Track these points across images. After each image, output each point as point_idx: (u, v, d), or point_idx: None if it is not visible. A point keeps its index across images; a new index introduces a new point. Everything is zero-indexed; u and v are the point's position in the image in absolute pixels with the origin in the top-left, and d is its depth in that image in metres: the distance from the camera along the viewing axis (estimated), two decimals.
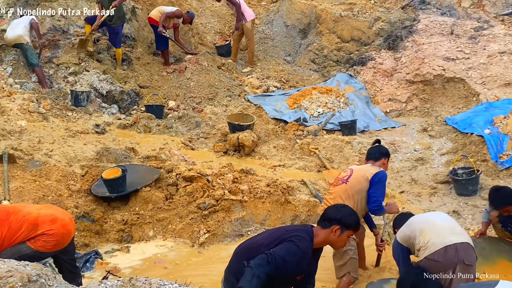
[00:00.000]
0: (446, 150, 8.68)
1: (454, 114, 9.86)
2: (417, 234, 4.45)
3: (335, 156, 8.75)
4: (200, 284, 4.70)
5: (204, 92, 11.15)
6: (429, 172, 8.16)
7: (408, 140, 9.36)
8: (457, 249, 4.26)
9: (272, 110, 10.55)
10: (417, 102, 10.88)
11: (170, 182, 6.88)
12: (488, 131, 8.21)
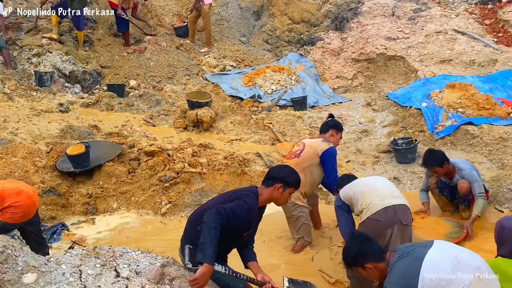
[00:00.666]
0: (388, 123, 8.85)
1: (395, 89, 10.03)
2: (359, 196, 4.54)
3: (288, 130, 8.81)
4: (162, 251, 4.69)
5: (163, 71, 11.03)
6: (373, 142, 8.31)
7: (354, 114, 9.50)
8: (396, 210, 4.36)
9: (229, 88, 10.52)
10: (362, 79, 11.03)
11: (132, 157, 6.81)
12: (425, 104, 8.37)
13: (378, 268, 3.36)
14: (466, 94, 8.04)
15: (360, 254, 3.39)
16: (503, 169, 6.73)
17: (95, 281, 3.17)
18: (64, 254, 3.45)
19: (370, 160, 7.82)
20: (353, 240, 3.51)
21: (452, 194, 6.15)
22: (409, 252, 3.27)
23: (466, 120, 7.65)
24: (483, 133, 7.36)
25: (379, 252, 3.40)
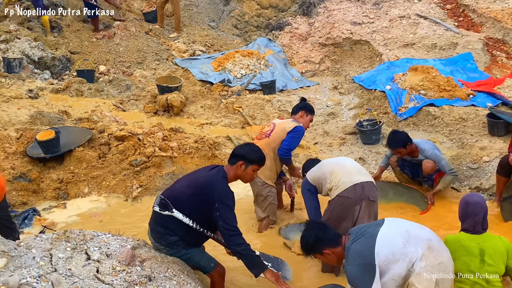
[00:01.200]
0: (354, 105, 8.94)
1: (361, 73, 10.12)
2: (328, 175, 4.61)
3: (257, 113, 8.82)
4: (133, 234, 4.67)
5: (133, 56, 10.88)
6: (339, 125, 8.39)
7: (321, 97, 9.56)
8: (364, 187, 4.46)
9: (199, 72, 10.45)
10: (329, 63, 11.08)
11: (102, 141, 6.71)
12: (389, 87, 8.46)
13: (336, 253, 3.43)
14: (428, 76, 8.16)
15: (317, 241, 3.44)
16: (462, 148, 6.89)
17: (65, 264, 3.14)
18: (34, 238, 3.41)
19: (337, 141, 7.90)
20: (310, 228, 3.54)
21: (413, 172, 6.29)
22: (362, 233, 3.35)
23: (428, 102, 7.79)
24: (444, 114, 7.50)
25: (335, 238, 3.46)
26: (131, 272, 3.35)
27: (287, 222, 5.60)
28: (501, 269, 3.89)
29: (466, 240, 3.90)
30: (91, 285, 2.97)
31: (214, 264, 4.10)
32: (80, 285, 2.93)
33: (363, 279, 3.21)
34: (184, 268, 3.87)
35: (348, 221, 4.47)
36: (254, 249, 4.03)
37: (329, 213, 4.56)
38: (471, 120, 7.26)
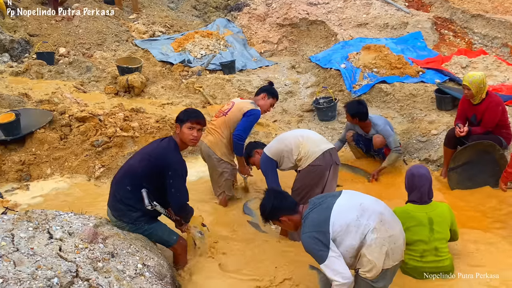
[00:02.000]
0: (311, 84, 8.99)
1: (317, 52, 10.17)
2: (294, 147, 4.64)
3: (218, 93, 8.78)
4: (96, 213, 4.62)
5: (93, 38, 10.61)
6: (297, 103, 8.45)
7: (279, 76, 9.56)
8: (331, 153, 4.59)
9: (159, 53, 10.28)
10: (287, 43, 11.09)
11: (63, 123, 6.56)
12: (344, 65, 8.55)
13: (293, 220, 3.50)
14: (380, 55, 8.28)
15: (275, 208, 3.49)
16: (412, 122, 7.05)
17: (28, 243, 3.09)
18: None
19: (295, 119, 7.95)
20: (268, 196, 3.57)
21: (367, 146, 6.41)
22: (320, 203, 3.42)
23: (380, 79, 7.91)
24: (395, 90, 7.65)
25: (293, 206, 3.52)
26: (93, 249, 3.32)
27: (248, 199, 5.64)
28: (448, 234, 4.05)
29: (415, 211, 4.02)
30: (53, 263, 2.94)
31: (176, 237, 4.11)
32: (43, 263, 2.90)
33: (318, 247, 3.26)
34: (147, 244, 3.87)
35: (319, 187, 4.58)
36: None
37: (301, 181, 4.63)
38: (420, 96, 7.43)
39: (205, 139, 5.28)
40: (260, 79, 9.21)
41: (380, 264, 3.29)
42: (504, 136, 5.68)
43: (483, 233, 4.81)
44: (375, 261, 3.27)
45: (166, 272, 3.67)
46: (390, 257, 3.34)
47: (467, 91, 5.56)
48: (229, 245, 4.59)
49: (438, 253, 4.01)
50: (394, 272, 3.49)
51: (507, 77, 7.69)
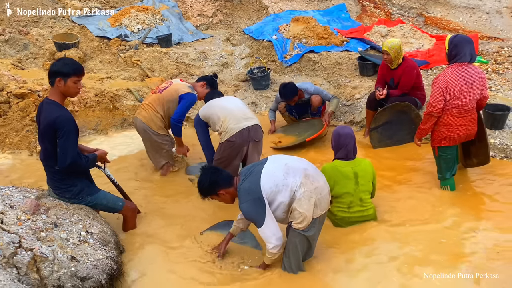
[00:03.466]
0: (245, 55, 8.95)
1: (250, 25, 10.09)
2: (216, 119, 4.69)
3: (156, 66, 8.56)
4: (38, 186, 4.48)
5: (28, 15, 9.98)
6: (233, 73, 8.40)
7: (215, 48, 9.44)
8: (249, 130, 4.62)
9: (96, 29, 9.83)
10: (221, 16, 10.91)
11: (2, 100, 6.20)
12: (275, 37, 8.56)
13: (229, 193, 3.54)
14: (308, 26, 8.34)
15: (212, 183, 3.50)
16: (338, 88, 7.21)
17: None
18: None
19: (231, 88, 7.92)
20: (205, 173, 3.56)
21: (299, 112, 6.52)
22: (250, 172, 3.49)
23: (309, 49, 7.99)
24: (322, 59, 7.76)
25: (228, 179, 3.54)
26: (36, 220, 3.23)
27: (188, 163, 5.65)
28: (370, 187, 4.25)
29: (342, 166, 4.20)
30: None
31: (122, 203, 4.07)
32: None
33: (256, 211, 3.37)
34: (90, 212, 3.81)
35: (237, 160, 4.73)
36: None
37: (220, 154, 4.72)
38: (345, 64, 7.59)
39: (139, 115, 5.21)
40: (196, 52, 9.07)
41: (310, 215, 3.42)
42: (419, 97, 5.94)
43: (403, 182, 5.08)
44: (306, 212, 3.40)
45: (110, 238, 3.64)
46: (318, 206, 3.48)
47: (387, 56, 5.73)
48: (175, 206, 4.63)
49: (363, 203, 4.23)
50: (322, 220, 3.65)
51: (422, 44, 7.98)
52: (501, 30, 8.58)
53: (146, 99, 5.31)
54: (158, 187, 5.22)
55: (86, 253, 3.23)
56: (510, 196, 4.69)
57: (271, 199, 3.40)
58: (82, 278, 3.06)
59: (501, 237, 4.05)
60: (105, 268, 3.27)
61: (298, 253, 3.60)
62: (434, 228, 4.25)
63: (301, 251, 3.62)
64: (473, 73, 4.33)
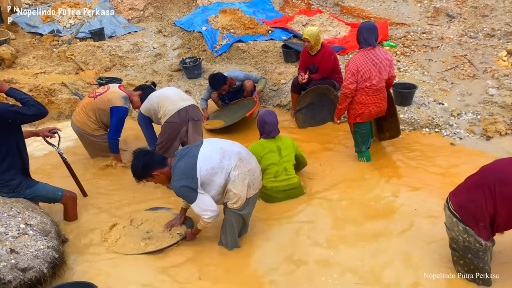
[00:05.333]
0: (177, 46, 8.80)
1: (180, 17, 9.89)
2: (156, 106, 4.64)
3: (89, 59, 8.23)
4: None
5: None
6: (166, 64, 8.25)
7: (148, 40, 9.20)
8: (187, 110, 4.60)
9: (27, 25, 9.27)
10: (152, 9, 10.62)
11: None
12: (205, 28, 8.46)
13: (164, 173, 3.46)
14: (235, 17, 8.32)
15: (145, 165, 3.41)
16: (266, 74, 7.27)
17: None
18: None
19: (165, 78, 7.79)
20: (137, 156, 3.47)
21: (232, 99, 6.55)
22: (186, 153, 3.45)
23: (237, 39, 7.98)
24: (250, 48, 7.78)
25: (161, 160, 3.47)
26: None
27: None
28: (293, 158, 4.47)
29: (266, 142, 4.40)
30: None
31: (62, 193, 3.95)
32: None
33: (188, 190, 3.34)
34: (29, 205, 3.66)
35: (177, 141, 4.65)
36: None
37: (162, 137, 4.67)
38: (271, 52, 7.65)
39: (74, 118, 5.08)
40: (129, 44, 8.81)
41: (244, 195, 3.47)
42: (337, 80, 6.13)
43: (327, 157, 5.27)
44: (240, 193, 3.45)
45: (50, 228, 3.52)
46: (251, 187, 3.54)
47: (307, 43, 5.85)
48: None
49: (288, 172, 4.41)
50: (255, 199, 3.73)
51: (339, 31, 8.20)
52: (407, 16, 8.96)
53: (81, 102, 5.17)
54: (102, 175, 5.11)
55: (26, 245, 3.11)
56: (418, 162, 5.01)
57: (208, 181, 3.39)
58: (23, 269, 2.95)
59: (416, 196, 4.38)
60: (46, 257, 3.17)
61: (234, 230, 3.66)
62: (358, 193, 4.49)
63: (237, 228, 3.68)
64: (380, 56, 4.53)
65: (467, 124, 5.63)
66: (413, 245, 3.65)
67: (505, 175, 2.86)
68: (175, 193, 3.41)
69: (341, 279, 3.36)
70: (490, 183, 2.88)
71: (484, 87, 6.31)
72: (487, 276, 3.12)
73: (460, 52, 7.25)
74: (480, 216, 2.91)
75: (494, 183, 2.87)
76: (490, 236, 2.97)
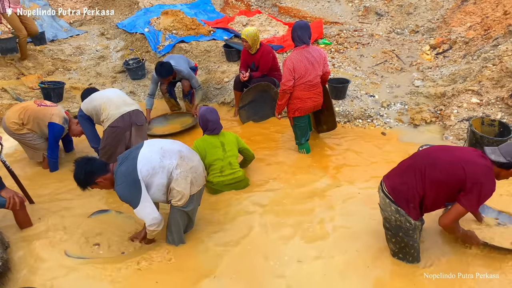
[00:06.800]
0: (120, 48, 8.55)
1: (123, 19, 9.62)
2: (99, 109, 4.45)
3: (31, 63, 7.82)
4: None
5: None
6: (109, 66, 7.99)
7: (90, 43, 8.88)
8: (130, 115, 4.44)
9: None
10: (94, 12, 10.26)
11: None
12: (147, 29, 8.28)
13: (107, 179, 3.31)
14: (177, 18, 8.19)
15: (88, 173, 3.25)
16: (209, 73, 7.23)
17: None
18: None
19: (109, 80, 7.56)
20: (78, 165, 3.29)
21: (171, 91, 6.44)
22: (126, 157, 3.33)
23: (180, 39, 7.86)
24: (192, 48, 7.69)
25: (103, 166, 3.33)
26: None
27: None
28: (236, 152, 4.48)
29: (210, 139, 4.37)
30: None
31: (4, 201, 3.71)
32: None
33: (131, 194, 3.23)
34: None
35: (122, 146, 4.47)
36: None
37: (105, 141, 4.48)
38: (213, 51, 7.60)
39: (6, 115, 4.85)
40: (72, 47, 8.47)
41: (188, 192, 3.41)
42: (276, 77, 6.17)
43: (270, 150, 5.31)
44: (183, 191, 3.38)
45: None
46: (195, 184, 3.48)
47: (245, 43, 5.85)
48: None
49: (232, 166, 4.41)
50: (200, 195, 3.67)
51: (277, 31, 8.27)
52: (340, 15, 9.19)
53: (23, 103, 4.95)
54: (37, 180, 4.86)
55: None
56: (353, 151, 5.16)
57: (149, 182, 3.29)
58: None
59: (355, 182, 4.53)
60: None
61: (179, 228, 3.60)
62: (300, 183, 4.56)
63: (182, 225, 3.62)
64: (314, 54, 4.61)
65: (396, 114, 5.86)
66: (355, 222, 3.81)
67: (434, 160, 3.01)
68: (119, 197, 3.27)
69: (286, 265, 3.39)
70: (421, 167, 3.02)
71: (410, 79, 6.59)
72: (417, 253, 3.27)
73: (389, 47, 7.53)
74: (411, 198, 3.03)
75: (424, 167, 3.00)
76: (419, 216, 3.10)
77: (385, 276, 3.23)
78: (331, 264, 3.36)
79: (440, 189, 2.95)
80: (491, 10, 7.16)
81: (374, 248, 3.47)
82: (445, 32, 7.52)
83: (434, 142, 5.14)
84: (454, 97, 5.67)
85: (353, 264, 3.34)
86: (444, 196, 2.99)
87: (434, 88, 6.07)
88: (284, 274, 3.30)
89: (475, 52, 6.45)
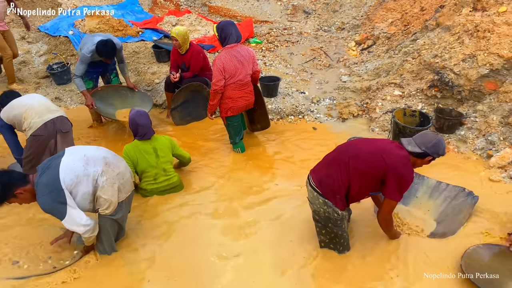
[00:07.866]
0: (43, 52, 8.08)
1: (45, 22, 9.10)
2: (20, 118, 4.18)
3: None
4: None
5: None
6: (32, 71, 7.55)
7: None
8: (54, 122, 4.22)
9: None
10: (13, 15, 9.57)
11: None
12: (72, 32, 7.92)
13: (27, 190, 3.10)
14: (103, 20, 7.91)
15: (5, 186, 3.02)
16: (139, 75, 7.04)
17: None
18: None
19: (32, 86, 7.13)
20: None
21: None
22: (47, 166, 3.15)
23: None
24: None
25: (22, 178, 3.12)
26: None
27: None
28: (171, 157, 4.37)
29: (142, 144, 4.21)
30: None
31: None
32: None
33: (55, 205, 3.07)
34: None
35: (46, 155, 4.23)
36: None
37: (28, 150, 4.24)
38: (142, 52, 7.42)
39: None
40: None
41: (115, 200, 3.31)
42: (208, 77, 6.12)
43: (205, 150, 5.28)
44: (111, 198, 3.27)
45: None
46: (122, 190, 3.38)
47: (175, 41, 5.75)
48: None
49: (167, 173, 4.30)
50: (129, 202, 3.57)
51: (208, 30, 8.23)
52: (269, 14, 9.32)
53: None
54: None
55: None
56: (286, 147, 5.26)
57: (74, 191, 3.12)
58: None
59: (289, 177, 4.61)
60: None
61: (110, 236, 3.47)
62: (236, 181, 4.58)
63: (113, 234, 3.50)
64: (243, 53, 4.64)
65: (325, 109, 6.05)
66: (290, 216, 3.91)
67: (357, 151, 3.14)
68: (43, 210, 3.07)
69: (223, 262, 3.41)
70: (345, 158, 3.13)
71: (338, 75, 6.83)
72: (346, 242, 3.40)
73: (317, 45, 7.74)
74: (337, 189, 3.14)
75: (348, 159, 3.12)
76: (345, 206, 3.22)
77: (319, 268, 3.34)
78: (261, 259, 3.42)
79: (363, 179, 3.09)
80: (409, 7, 7.59)
81: (306, 240, 3.57)
82: (369, 28, 7.87)
83: (362, 134, 5.36)
84: (378, 90, 5.94)
85: (288, 257, 3.42)
86: (368, 186, 3.13)
87: (360, 82, 6.33)
88: (219, 272, 3.31)
89: (397, 46, 6.80)
